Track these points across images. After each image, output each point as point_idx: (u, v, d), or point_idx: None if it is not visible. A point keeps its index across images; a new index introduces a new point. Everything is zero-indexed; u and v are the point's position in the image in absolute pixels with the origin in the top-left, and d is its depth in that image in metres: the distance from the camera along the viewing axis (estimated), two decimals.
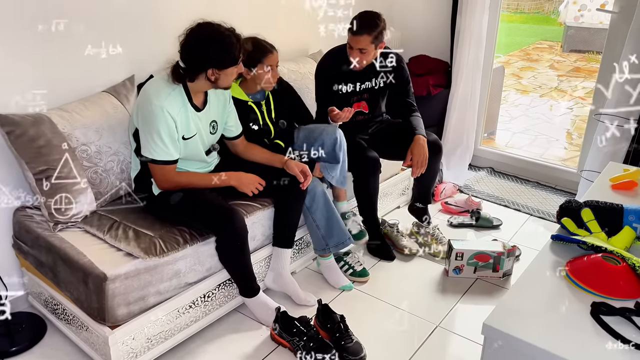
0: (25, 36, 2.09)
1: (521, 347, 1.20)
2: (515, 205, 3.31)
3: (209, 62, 1.98)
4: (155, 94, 2.00)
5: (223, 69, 2.00)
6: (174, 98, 2.03)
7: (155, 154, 2.02)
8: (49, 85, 2.19)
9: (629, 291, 1.34)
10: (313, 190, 2.39)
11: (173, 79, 2.03)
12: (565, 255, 1.51)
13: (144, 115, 2.01)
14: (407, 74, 2.79)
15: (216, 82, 2.04)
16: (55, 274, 2.02)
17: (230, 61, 2.00)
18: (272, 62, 2.36)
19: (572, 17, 7.88)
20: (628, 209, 1.59)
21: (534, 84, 6.75)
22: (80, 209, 2.10)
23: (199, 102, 2.12)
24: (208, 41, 1.97)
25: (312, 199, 2.40)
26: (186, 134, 2.08)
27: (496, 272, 2.55)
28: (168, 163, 2.05)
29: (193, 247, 2.07)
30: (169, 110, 1.99)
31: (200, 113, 2.13)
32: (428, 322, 2.29)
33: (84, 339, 2.03)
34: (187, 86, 2.06)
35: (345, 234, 2.46)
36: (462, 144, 3.61)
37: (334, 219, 2.44)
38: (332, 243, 2.46)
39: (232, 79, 2.08)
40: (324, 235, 2.45)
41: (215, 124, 2.22)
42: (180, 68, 2.02)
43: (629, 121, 2.88)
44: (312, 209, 2.42)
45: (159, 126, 1.98)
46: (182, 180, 2.12)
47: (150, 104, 1.98)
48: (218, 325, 2.26)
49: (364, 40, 2.47)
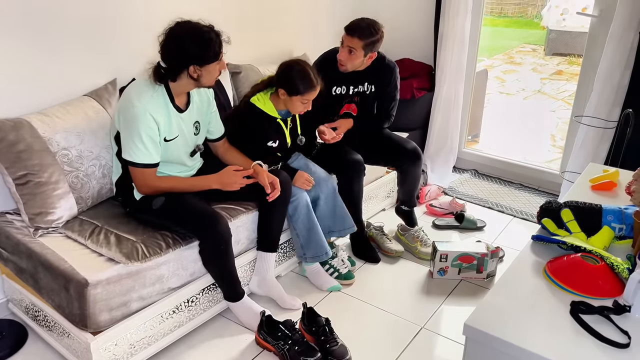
0: (5, 41, 2.06)
1: (502, 346, 1.21)
2: (499, 206, 3.34)
3: (190, 59, 1.97)
4: (137, 97, 1.99)
5: (204, 65, 2.00)
6: (156, 100, 2.02)
7: (136, 156, 2.01)
8: (29, 89, 2.17)
9: (607, 290, 1.36)
10: (297, 201, 2.39)
11: (155, 79, 2.02)
12: (545, 255, 1.53)
13: (126, 118, 1.99)
14: (396, 85, 2.82)
15: (199, 79, 2.03)
16: (36, 281, 1.99)
17: (210, 57, 2.00)
18: (311, 97, 2.35)
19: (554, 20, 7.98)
20: (607, 209, 1.61)
21: (517, 86, 6.82)
22: (61, 214, 2.08)
23: (181, 103, 2.12)
24: (187, 38, 1.96)
25: (295, 209, 2.40)
26: (168, 136, 2.07)
27: (480, 273, 2.57)
28: (148, 166, 2.04)
29: (176, 252, 2.05)
30: (151, 113, 1.98)
31: (183, 114, 2.12)
32: (413, 324, 2.30)
33: (66, 346, 2.00)
34: (169, 87, 2.05)
35: (322, 249, 2.46)
36: (446, 146, 3.64)
37: (314, 231, 2.44)
38: (309, 254, 2.47)
39: (214, 76, 2.07)
40: (303, 244, 2.46)
41: (198, 124, 2.22)
42: (161, 68, 2.01)
43: (609, 123, 2.93)
44: (293, 218, 2.43)
45: (140, 129, 1.97)
46: (163, 185, 2.10)
47: (133, 107, 1.97)
48: (202, 330, 2.24)
49: (354, 41, 2.53)
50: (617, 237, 1.60)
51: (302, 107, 2.36)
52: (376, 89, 2.78)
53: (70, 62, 2.29)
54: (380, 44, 2.59)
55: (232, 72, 2.91)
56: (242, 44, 3.06)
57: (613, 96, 2.88)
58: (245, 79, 2.88)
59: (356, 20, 2.56)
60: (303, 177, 2.43)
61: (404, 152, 2.75)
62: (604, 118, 2.92)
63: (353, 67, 2.63)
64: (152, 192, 2.09)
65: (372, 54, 2.60)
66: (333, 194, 2.55)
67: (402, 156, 2.77)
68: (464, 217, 3.08)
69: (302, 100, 2.33)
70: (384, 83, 2.77)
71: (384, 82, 2.77)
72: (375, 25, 2.55)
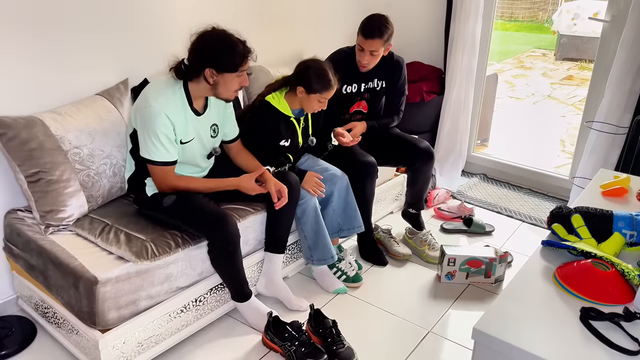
0: (20, 40, 2.09)
1: (511, 351, 1.20)
2: (508, 211, 3.32)
3: (208, 60, 1.98)
4: (154, 97, 2.01)
5: (221, 72, 2.00)
6: (174, 102, 2.03)
7: (154, 155, 2.03)
8: (42, 88, 2.19)
9: (617, 297, 1.35)
10: (305, 204, 2.40)
11: (174, 74, 2.03)
12: (555, 260, 1.52)
13: (143, 117, 2.01)
14: (405, 79, 2.84)
15: (215, 87, 2.03)
16: (46, 278, 2.01)
17: (228, 64, 1.99)
18: (329, 97, 2.38)
19: (565, 25, 7.95)
20: (618, 216, 1.60)
21: (527, 91, 6.80)
22: (71, 212, 2.09)
23: (199, 106, 2.13)
24: (214, 40, 1.99)
25: (303, 212, 2.41)
26: (184, 139, 2.08)
27: (488, 278, 2.56)
28: (167, 164, 2.06)
29: (185, 251, 2.06)
30: (167, 114, 1.99)
31: (201, 117, 2.13)
32: (420, 328, 2.29)
33: (74, 343, 2.01)
34: (188, 88, 2.06)
35: (329, 252, 2.47)
36: (455, 150, 3.63)
37: (320, 234, 2.44)
38: (316, 257, 2.47)
39: (232, 88, 2.05)
40: (311, 247, 2.46)
41: (216, 127, 2.23)
42: (183, 65, 2.03)
43: (619, 129, 2.91)
44: (302, 221, 2.43)
45: (157, 129, 1.98)
46: (181, 184, 2.11)
47: (149, 106, 1.98)
48: (209, 330, 2.25)
49: (376, 43, 2.54)
50: (628, 244, 1.59)
51: (319, 106, 2.40)
52: (386, 84, 2.79)
53: (83, 62, 2.31)
54: (393, 33, 2.61)
55: None
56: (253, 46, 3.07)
57: (624, 102, 2.86)
58: (256, 81, 2.89)
59: (367, 22, 2.57)
60: (313, 179, 2.43)
61: (417, 151, 2.75)
62: (615, 124, 2.91)
63: (373, 65, 2.65)
64: (171, 189, 2.11)
65: (389, 45, 2.63)
66: (346, 190, 2.56)
67: (414, 155, 2.76)
68: (472, 222, 3.07)
69: (320, 99, 2.37)
70: (393, 78, 2.78)
71: (393, 78, 2.78)
72: (385, 19, 2.58)
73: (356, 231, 2.60)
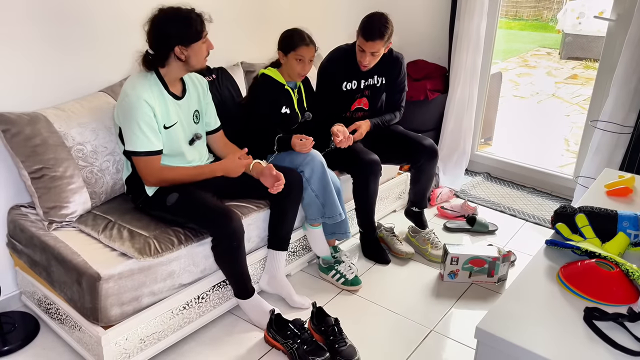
0: (22, 36, 2.09)
1: (514, 351, 1.20)
2: (511, 210, 3.32)
3: (173, 39, 2.00)
4: (130, 87, 2.02)
5: (189, 45, 2.02)
6: (150, 88, 2.04)
7: (136, 145, 2.02)
8: (45, 84, 2.20)
9: (621, 297, 1.35)
10: (312, 161, 2.39)
11: (144, 67, 2.05)
12: (559, 260, 1.52)
13: (123, 109, 2.01)
14: (405, 75, 2.84)
15: (187, 61, 2.05)
16: (49, 274, 2.01)
17: (193, 35, 2.01)
18: (304, 54, 2.42)
19: (570, 24, 7.91)
20: (622, 215, 1.59)
21: (531, 90, 6.77)
22: (75, 208, 2.10)
23: (176, 90, 2.14)
24: (168, 20, 2.00)
25: (312, 170, 2.40)
26: (167, 123, 2.09)
27: (491, 277, 2.55)
28: (151, 154, 2.04)
29: (187, 248, 2.06)
30: (145, 99, 1.99)
31: (180, 102, 2.14)
32: (422, 326, 2.29)
33: (77, 339, 2.02)
34: (161, 75, 2.07)
35: (336, 210, 2.46)
36: (458, 148, 3.62)
37: (328, 190, 2.44)
38: (328, 213, 2.47)
39: (202, 56, 2.08)
40: (323, 203, 2.46)
41: (197, 113, 2.24)
42: (149, 55, 2.04)
43: (624, 128, 2.90)
44: (311, 180, 2.41)
45: (137, 117, 1.98)
46: (168, 175, 2.10)
47: (127, 96, 2.00)
48: (212, 327, 2.25)
49: (377, 45, 2.54)
50: (633, 244, 1.58)
51: (299, 66, 2.44)
52: (386, 81, 2.78)
53: (86, 58, 2.31)
54: (393, 31, 2.61)
55: (246, 71, 2.92)
56: (256, 44, 3.07)
57: (629, 101, 2.85)
58: None
59: (367, 22, 2.54)
60: (297, 139, 2.41)
61: (421, 149, 2.74)
62: (620, 123, 2.89)
63: (373, 64, 2.65)
64: (158, 182, 2.10)
65: (389, 43, 2.63)
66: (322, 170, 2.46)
67: (418, 152, 2.75)
68: (475, 221, 3.06)
69: (296, 57, 2.42)
70: (393, 75, 2.78)
71: (393, 74, 2.78)
72: (385, 19, 2.56)
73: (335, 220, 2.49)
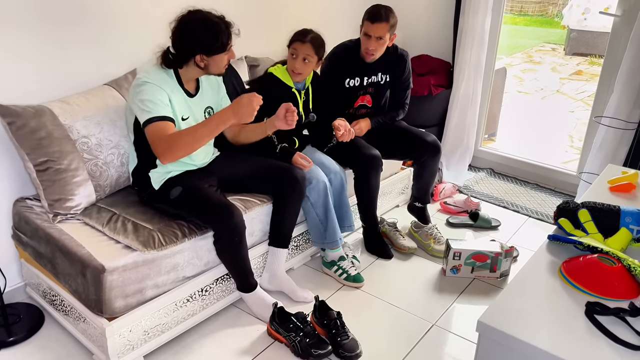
0: (28, 29, 2.09)
1: (515, 344, 1.20)
2: (514, 206, 3.32)
3: (197, 48, 2.00)
4: (145, 76, 2.02)
5: (211, 55, 2.02)
6: (166, 80, 2.04)
7: (148, 114, 1.96)
8: (50, 77, 2.20)
9: (623, 292, 1.35)
10: (317, 186, 2.40)
11: (163, 63, 2.04)
12: (561, 255, 1.52)
13: (136, 92, 2.01)
14: (410, 72, 2.83)
15: (206, 68, 2.06)
16: (54, 266, 2.03)
17: (218, 48, 2.01)
18: (297, 49, 2.41)
19: (575, 20, 7.87)
20: (625, 211, 1.59)
21: (535, 86, 6.75)
22: (79, 201, 2.11)
23: (191, 88, 2.14)
24: (197, 27, 1.99)
25: (317, 195, 2.42)
26: (184, 115, 2.10)
27: (493, 273, 2.56)
28: (162, 119, 1.96)
29: (191, 241, 2.07)
30: (160, 86, 2.00)
31: (193, 99, 2.14)
32: (424, 321, 2.30)
33: (81, 331, 2.03)
34: (179, 73, 2.08)
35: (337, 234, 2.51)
36: (462, 144, 3.62)
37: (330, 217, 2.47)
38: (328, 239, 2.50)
39: (222, 65, 2.09)
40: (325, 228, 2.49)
41: (211, 109, 2.24)
42: (170, 54, 2.04)
43: (629, 124, 2.89)
44: (315, 204, 2.44)
45: (150, 93, 1.97)
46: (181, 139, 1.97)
47: (141, 81, 2.00)
48: (215, 320, 2.26)
49: (382, 27, 2.54)
50: (635, 239, 1.58)
51: (291, 61, 2.43)
52: (391, 78, 2.78)
53: (91, 51, 2.32)
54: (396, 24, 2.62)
55: (250, 65, 2.92)
56: (261, 38, 3.06)
57: (634, 97, 2.84)
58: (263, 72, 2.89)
59: (373, 8, 2.57)
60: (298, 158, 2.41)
61: (424, 145, 2.74)
62: (624, 119, 2.89)
63: (380, 54, 2.65)
64: (173, 154, 1.97)
65: (394, 35, 2.63)
66: (341, 187, 2.56)
67: (421, 148, 2.75)
68: (478, 216, 3.07)
69: (291, 51, 2.42)
70: (398, 72, 2.77)
71: (398, 71, 2.77)
72: (390, 8, 2.60)
73: (346, 230, 2.61)
